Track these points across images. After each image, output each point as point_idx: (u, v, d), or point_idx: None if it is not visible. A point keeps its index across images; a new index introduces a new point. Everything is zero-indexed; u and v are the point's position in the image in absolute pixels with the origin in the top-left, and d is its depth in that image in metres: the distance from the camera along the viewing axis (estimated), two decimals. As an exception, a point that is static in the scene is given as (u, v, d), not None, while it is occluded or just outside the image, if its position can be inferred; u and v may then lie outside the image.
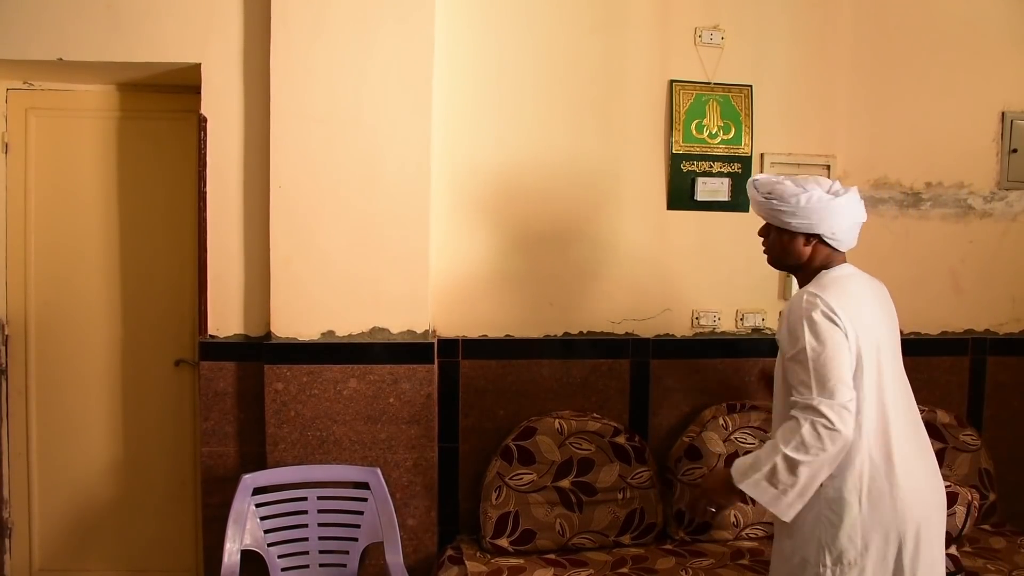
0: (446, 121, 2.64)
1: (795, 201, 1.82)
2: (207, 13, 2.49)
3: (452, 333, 2.72)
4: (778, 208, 1.85)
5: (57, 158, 2.77)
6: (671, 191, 2.81)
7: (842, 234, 1.86)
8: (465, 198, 2.70)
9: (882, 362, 1.81)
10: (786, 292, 2.89)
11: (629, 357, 2.82)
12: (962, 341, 3.04)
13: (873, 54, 2.91)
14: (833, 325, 1.74)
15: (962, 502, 2.31)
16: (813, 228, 1.84)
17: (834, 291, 1.81)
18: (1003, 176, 3.02)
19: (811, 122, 2.89)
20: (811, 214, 1.82)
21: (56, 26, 2.44)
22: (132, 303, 2.82)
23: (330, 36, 2.44)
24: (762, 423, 2.73)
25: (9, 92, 2.73)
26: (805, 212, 1.82)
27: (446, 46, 2.61)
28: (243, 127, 2.52)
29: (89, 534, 2.84)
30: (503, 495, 2.53)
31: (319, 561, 2.44)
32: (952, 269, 3.03)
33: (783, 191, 1.84)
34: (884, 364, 1.81)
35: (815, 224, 1.83)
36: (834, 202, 1.82)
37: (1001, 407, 3.06)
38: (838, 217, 1.83)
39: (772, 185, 1.87)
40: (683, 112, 2.79)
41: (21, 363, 2.79)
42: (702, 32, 2.79)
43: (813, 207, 1.81)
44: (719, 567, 2.45)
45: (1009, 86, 3.00)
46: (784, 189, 1.84)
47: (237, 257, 2.55)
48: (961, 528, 2.30)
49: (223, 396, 2.56)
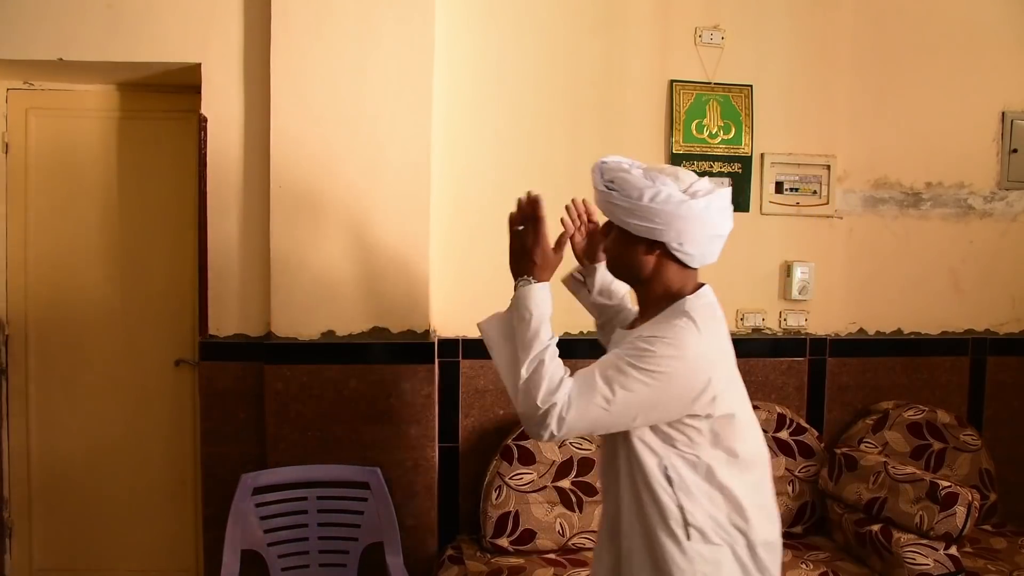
0: (446, 121, 2.64)
1: (637, 196, 1.44)
2: (207, 13, 2.49)
3: (452, 333, 2.72)
4: (616, 202, 1.48)
5: (57, 158, 2.77)
6: (671, 191, 2.80)
7: (694, 246, 1.47)
8: (465, 198, 2.70)
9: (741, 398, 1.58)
10: (786, 292, 2.89)
11: (629, 357, 2.81)
12: (962, 341, 3.04)
13: (873, 54, 2.91)
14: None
15: (962, 502, 2.30)
16: (655, 234, 1.45)
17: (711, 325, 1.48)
18: (1003, 176, 3.02)
19: (811, 122, 2.89)
20: (654, 216, 1.43)
21: (56, 26, 2.44)
22: (132, 303, 2.82)
23: (330, 36, 2.44)
24: (762, 423, 2.73)
25: (9, 92, 2.74)
26: (647, 212, 1.44)
27: (446, 46, 2.61)
28: (243, 127, 2.52)
29: (89, 534, 2.84)
30: (503, 495, 2.53)
31: (319, 561, 2.44)
32: (952, 269, 3.03)
33: (626, 182, 1.46)
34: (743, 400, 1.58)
35: (658, 229, 1.45)
36: (685, 205, 1.42)
37: (1001, 407, 3.06)
38: (690, 224, 1.44)
39: (617, 172, 1.49)
40: (683, 112, 2.79)
41: (21, 363, 2.79)
42: (702, 32, 2.79)
43: (658, 207, 1.43)
44: (719, 567, 2.44)
45: (1009, 86, 3.00)
46: (628, 179, 1.46)
47: (237, 257, 2.55)
48: (961, 528, 2.30)
49: (223, 396, 2.56)
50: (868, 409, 2.94)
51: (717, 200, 1.46)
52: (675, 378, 1.41)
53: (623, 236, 1.52)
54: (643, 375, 1.40)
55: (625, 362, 1.42)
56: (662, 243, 1.47)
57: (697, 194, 1.44)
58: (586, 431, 1.46)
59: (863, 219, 2.95)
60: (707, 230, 1.47)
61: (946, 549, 2.32)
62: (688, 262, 1.50)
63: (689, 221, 1.44)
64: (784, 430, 2.75)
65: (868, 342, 2.98)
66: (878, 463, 2.56)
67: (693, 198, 1.44)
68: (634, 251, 1.51)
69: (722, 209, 1.48)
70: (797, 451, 2.74)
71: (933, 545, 2.32)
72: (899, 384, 2.99)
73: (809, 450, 2.75)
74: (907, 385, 2.99)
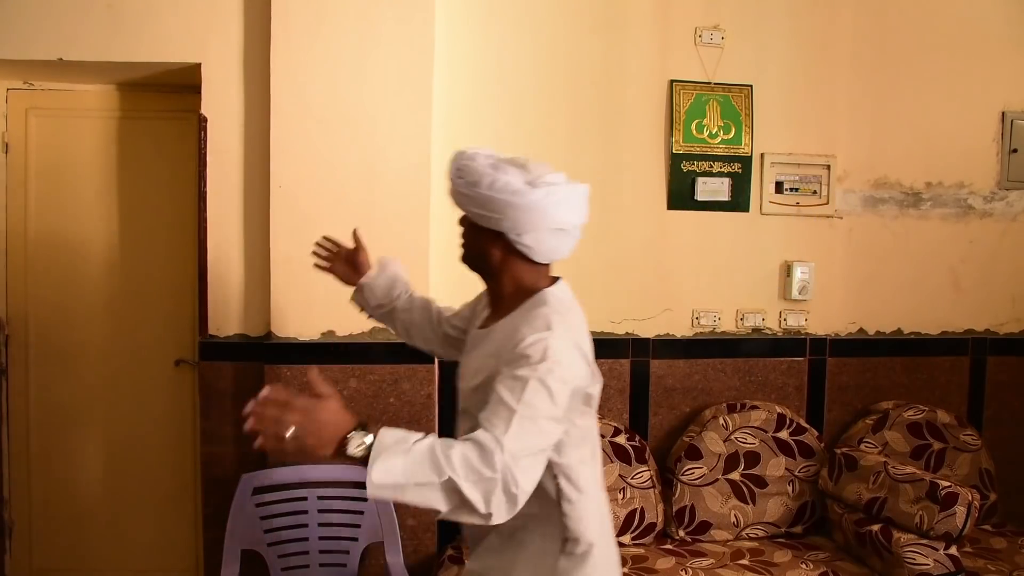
0: (446, 121, 2.64)
1: (476, 183, 1.40)
2: (207, 13, 2.49)
3: (452, 333, 2.71)
4: (461, 190, 1.44)
5: (57, 158, 2.77)
6: (671, 191, 2.81)
7: (533, 239, 1.42)
8: (465, 198, 2.70)
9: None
10: (786, 292, 2.89)
11: (629, 357, 2.82)
12: (962, 341, 3.04)
13: (873, 54, 2.91)
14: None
15: (962, 502, 2.30)
16: (493, 223, 1.42)
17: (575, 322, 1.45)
18: (1003, 176, 3.02)
19: (811, 122, 2.89)
20: (492, 204, 1.39)
21: (56, 26, 2.44)
22: (132, 303, 2.82)
23: (330, 36, 2.44)
24: (762, 423, 2.74)
25: (9, 92, 2.74)
26: (485, 200, 1.40)
27: (446, 46, 2.61)
28: (243, 127, 2.52)
29: (89, 534, 2.84)
30: (503, 495, 2.53)
31: (319, 561, 2.44)
32: (952, 269, 3.03)
33: (470, 169, 1.42)
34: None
35: (495, 218, 1.41)
36: (521, 194, 1.38)
37: (1001, 407, 3.06)
38: (527, 214, 1.39)
39: (464, 160, 1.44)
40: (683, 112, 2.79)
41: (21, 363, 2.79)
42: (702, 32, 2.79)
43: (495, 195, 1.38)
44: (719, 567, 2.45)
45: (1009, 86, 3.00)
46: (472, 167, 1.42)
47: (237, 257, 2.55)
48: (961, 528, 2.30)
49: (223, 396, 2.56)
50: (868, 409, 2.94)
51: (558, 192, 1.41)
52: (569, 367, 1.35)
53: (471, 227, 1.50)
54: (549, 379, 1.30)
55: (523, 382, 1.30)
56: (503, 234, 1.43)
57: (537, 183, 1.40)
58: (538, 461, 1.32)
59: (863, 219, 2.96)
60: (546, 222, 1.41)
61: (946, 549, 2.33)
62: (529, 255, 1.45)
63: (525, 211, 1.39)
64: (784, 430, 2.75)
65: (868, 342, 2.98)
66: (878, 463, 2.56)
67: (532, 187, 1.39)
68: (481, 242, 1.48)
69: (562, 202, 1.42)
70: (797, 451, 2.74)
71: (933, 545, 2.32)
72: (899, 384, 2.99)
73: (809, 450, 2.75)
74: (907, 385, 3.00)
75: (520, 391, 1.29)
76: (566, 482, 1.43)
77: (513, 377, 1.31)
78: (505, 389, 1.30)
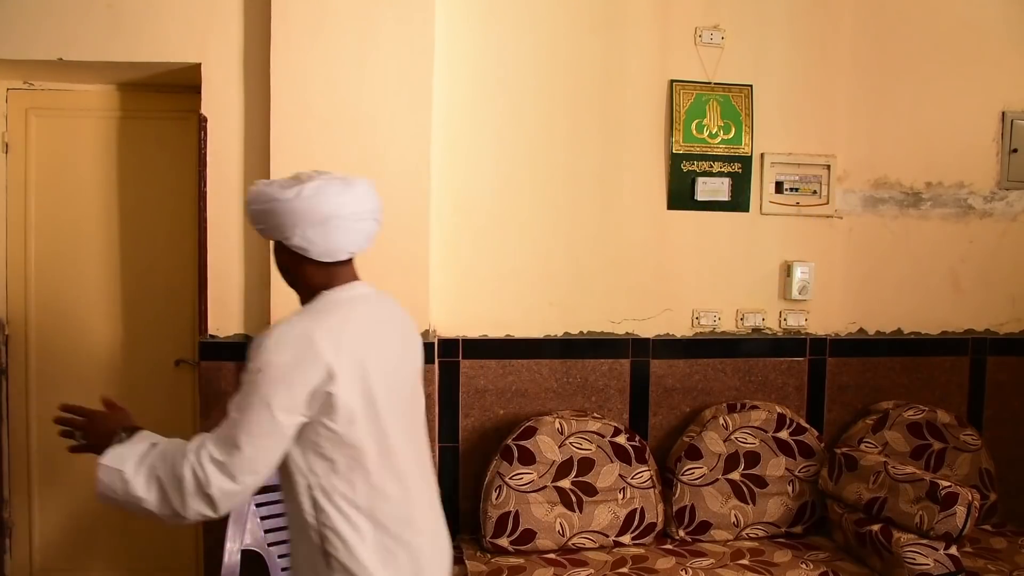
0: (446, 121, 2.64)
1: (250, 201, 1.49)
2: (207, 13, 2.49)
3: (452, 333, 2.72)
4: (248, 215, 1.51)
5: (57, 158, 2.77)
6: (671, 191, 2.81)
7: (305, 239, 1.44)
8: (465, 197, 2.70)
9: (393, 403, 1.48)
10: (786, 292, 2.89)
11: (629, 357, 2.82)
12: (962, 341, 3.04)
13: (873, 54, 2.91)
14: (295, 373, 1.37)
15: (962, 502, 2.30)
16: (268, 234, 1.49)
17: (331, 321, 1.44)
18: (1003, 176, 3.02)
19: (811, 122, 2.89)
20: (262, 217, 1.46)
21: (56, 26, 2.44)
22: (132, 303, 2.82)
23: (330, 36, 2.44)
24: (762, 423, 2.74)
25: (9, 92, 2.74)
26: (258, 216, 1.47)
27: (446, 46, 2.61)
28: (243, 127, 2.52)
29: (89, 534, 2.84)
30: (503, 495, 2.53)
31: (319, 561, 2.43)
32: (952, 269, 3.03)
33: (250, 192, 1.50)
34: (395, 405, 1.49)
35: (268, 229, 1.47)
36: (278, 199, 1.43)
37: (1001, 407, 3.06)
38: (290, 216, 1.43)
39: (252, 187, 1.51)
40: (683, 112, 2.79)
41: (21, 363, 2.79)
42: (702, 32, 2.79)
43: (261, 207, 1.46)
44: (719, 567, 2.45)
45: (1009, 86, 3.00)
46: (252, 190, 1.49)
47: (237, 257, 2.55)
48: (961, 528, 2.30)
49: (223, 396, 2.55)
50: (868, 409, 2.94)
51: (309, 188, 1.44)
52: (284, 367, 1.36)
53: (273, 246, 1.54)
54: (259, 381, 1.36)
55: (240, 387, 1.39)
56: (283, 242, 1.48)
57: (286, 186, 1.45)
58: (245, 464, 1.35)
59: (863, 219, 2.96)
60: (307, 218, 1.43)
61: (946, 549, 2.33)
62: (309, 255, 1.47)
63: (284, 214, 1.43)
64: (784, 430, 2.75)
65: (868, 342, 2.98)
66: (878, 463, 2.56)
67: (284, 189, 1.44)
68: (277, 257, 1.54)
69: (316, 195, 1.44)
70: (797, 451, 2.74)
71: (933, 545, 2.33)
72: (899, 384, 2.99)
73: (809, 450, 2.75)
74: (907, 385, 3.00)
75: (237, 396, 1.38)
76: (323, 498, 1.42)
77: (239, 383, 1.40)
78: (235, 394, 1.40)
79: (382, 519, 1.45)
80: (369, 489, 1.44)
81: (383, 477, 1.45)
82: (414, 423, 1.60)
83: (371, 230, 1.53)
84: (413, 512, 1.51)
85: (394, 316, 1.62)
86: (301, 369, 1.36)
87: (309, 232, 1.44)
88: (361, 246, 1.53)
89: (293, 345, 1.38)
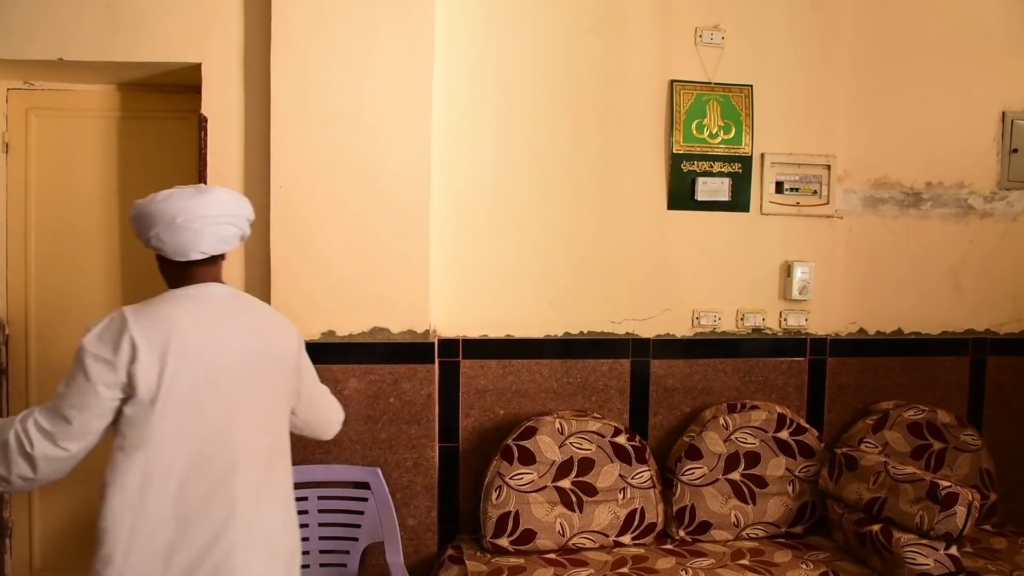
0: (446, 121, 2.64)
1: (131, 211, 1.69)
2: (207, 13, 2.49)
3: (452, 333, 2.72)
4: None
5: (57, 158, 2.77)
6: (671, 191, 2.81)
7: (158, 240, 1.63)
8: (465, 197, 2.70)
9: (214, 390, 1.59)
10: (786, 292, 2.89)
11: (629, 357, 2.82)
12: (962, 341, 3.04)
13: (873, 54, 2.91)
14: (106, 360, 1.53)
15: (963, 502, 2.30)
16: (139, 237, 1.68)
17: (149, 311, 1.60)
18: (1003, 176, 3.02)
19: (811, 122, 2.89)
20: (133, 222, 1.68)
21: (56, 26, 2.44)
22: (132, 303, 2.80)
23: (330, 36, 2.44)
24: (763, 423, 2.74)
25: (9, 92, 2.74)
26: (131, 221, 1.69)
27: (446, 46, 2.61)
28: (243, 127, 2.52)
29: (89, 534, 2.80)
30: (503, 495, 2.53)
31: (319, 561, 2.44)
32: (952, 269, 3.03)
33: (133, 205, 1.70)
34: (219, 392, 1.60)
35: (137, 232, 1.68)
36: (135, 207, 1.66)
37: (1001, 407, 3.06)
38: (144, 220, 1.64)
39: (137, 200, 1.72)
40: (683, 112, 2.79)
41: (21, 363, 2.79)
42: (702, 32, 2.79)
43: (131, 214, 1.68)
44: (719, 567, 2.45)
45: (1009, 86, 3.00)
46: (134, 203, 1.70)
47: (237, 257, 2.55)
48: (962, 528, 2.30)
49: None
50: (868, 409, 2.95)
51: (159, 195, 1.64)
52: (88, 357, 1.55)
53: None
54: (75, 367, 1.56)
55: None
56: (145, 244, 1.67)
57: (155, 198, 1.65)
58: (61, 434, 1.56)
59: (863, 219, 2.96)
60: (157, 221, 1.62)
61: (946, 549, 2.33)
62: (164, 254, 1.67)
63: (140, 219, 1.65)
64: (784, 430, 2.75)
65: (868, 342, 2.98)
66: (878, 463, 2.56)
67: (146, 199, 1.65)
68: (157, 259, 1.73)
69: (164, 201, 1.63)
70: (797, 451, 2.74)
71: (933, 545, 2.33)
72: (899, 384, 2.99)
73: (809, 450, 2.75)
74: (907, 385, 3.00)
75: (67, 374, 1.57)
76: (108, 471, 1.57)
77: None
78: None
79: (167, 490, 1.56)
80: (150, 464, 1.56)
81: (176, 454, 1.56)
82: (248, 412, 1.65)
83: (227, 233, 1.68)
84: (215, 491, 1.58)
85: (244, 315, 1.72)
86: (114, 351, 1.53)
87: (162, 234, 1.62)
88: (215, 247, 1.68)
89: (110, 329, 1.56)
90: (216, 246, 1.67)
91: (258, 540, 1.62)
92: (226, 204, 1.67)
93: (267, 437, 1.70)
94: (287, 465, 1.77)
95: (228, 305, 1.69)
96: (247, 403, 1.66)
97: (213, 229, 1.65)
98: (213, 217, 1.64)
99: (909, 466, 2.57)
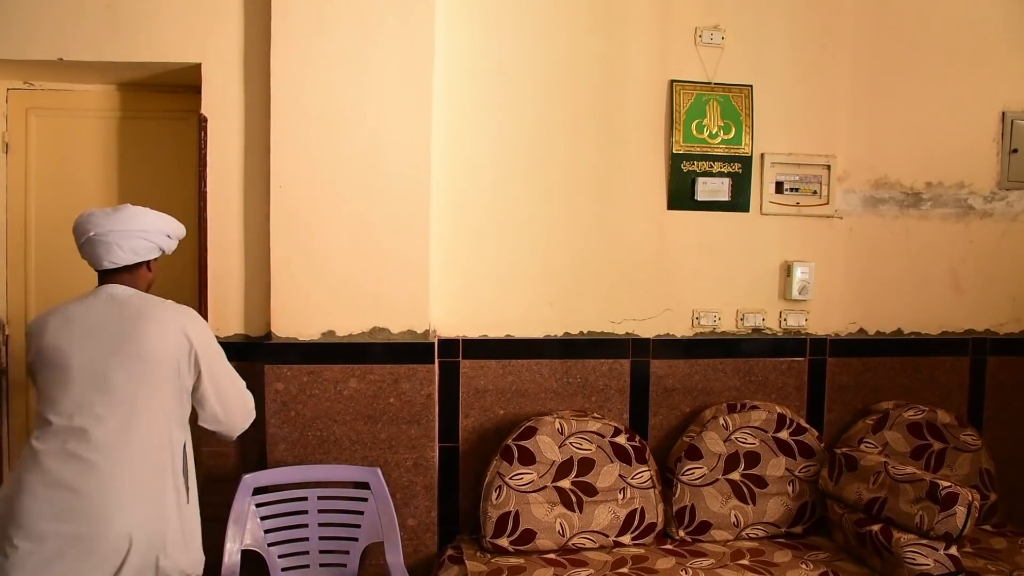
0: (446, 121, 2.64)
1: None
2: (207, 13, 2.49)
3: (452, 333, 2.72)
4: None
5: (57, 158, 2.77)
6: (671, 191, 2.81)
7: (84, 253, 1.96)
8: (465, 197, 2.70)
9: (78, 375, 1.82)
10: (786, 292, 2.89)
11: (629, 357, 2.82)
12: (962, 341, 3.04)
13: (873, 54, 2.91)
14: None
15: (962, 502, 2.30)
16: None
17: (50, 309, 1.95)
18: (1003, 176, 3.02)
19: (811, 122, 2.89)
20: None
21: (56, 26, 2.44)
22: (132, 303, 2.81)
23: (330, 36, 2.44)
24: (763, 423, 2.74)
25: (9, 92, 2.74)
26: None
27: (446, 46, 2.61)
28: (243, 127, 2.52)
29: None
30: (503, 495, 2.53)
31: (319, 561, 2.44)
32: (952, 269, 3.03)
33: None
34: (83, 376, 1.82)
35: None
36: (77, 219, 1.95)
37: (1001, 407, 3.06)
38: (75, 234, 1.95)
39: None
40: (683, 112, 2.79)
41: (21, 363, 2.79)
42: (702, 32, 2.79)
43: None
44: (719, 567, 2.45)
45: (1009, 86, 3.00)
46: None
47: (237, 257, 2.55)
48: (962, 528, 2.30)
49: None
50: (868, 409, 2.95)
51: (85, 213, 1.96)
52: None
53: None
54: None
55: None
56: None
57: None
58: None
59: (863, 219, 2.96)
60: (79, 235, 1.94)
61: (946, 549, 2.33)
62: (90, 263, 1.97)
63: (73, 233, 1.96)
64: (784, 430, 2.75)
65: (868, 342, 2.98)
66: (878, 463, 2.56)
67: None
68: None
69: (76, 221, 1.96)
70: (797, 451, 2.74)
71: (933, 545, 2.33)
72: (899, 384, 2.99)
73: (809, 450, 2.75)
74: (907, 385, 3.00)
75: None
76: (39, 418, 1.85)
77: None
78: None
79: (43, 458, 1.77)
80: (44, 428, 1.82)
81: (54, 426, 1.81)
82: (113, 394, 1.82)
83: (139, 246, 1.92)
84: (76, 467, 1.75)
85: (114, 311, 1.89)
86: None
87: (83, 246, 1.94)
88: (126, 259, 1.93)
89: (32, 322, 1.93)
90: (127, 257, 1.92)
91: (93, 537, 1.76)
92: (139, 221, 1.92)
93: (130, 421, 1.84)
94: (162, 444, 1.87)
95: (104, 303, 1.90)
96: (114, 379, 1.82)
97: (123, 242, 1.90)
98: (124, 232, 1.90)
99: (909, 466, 2.57)
